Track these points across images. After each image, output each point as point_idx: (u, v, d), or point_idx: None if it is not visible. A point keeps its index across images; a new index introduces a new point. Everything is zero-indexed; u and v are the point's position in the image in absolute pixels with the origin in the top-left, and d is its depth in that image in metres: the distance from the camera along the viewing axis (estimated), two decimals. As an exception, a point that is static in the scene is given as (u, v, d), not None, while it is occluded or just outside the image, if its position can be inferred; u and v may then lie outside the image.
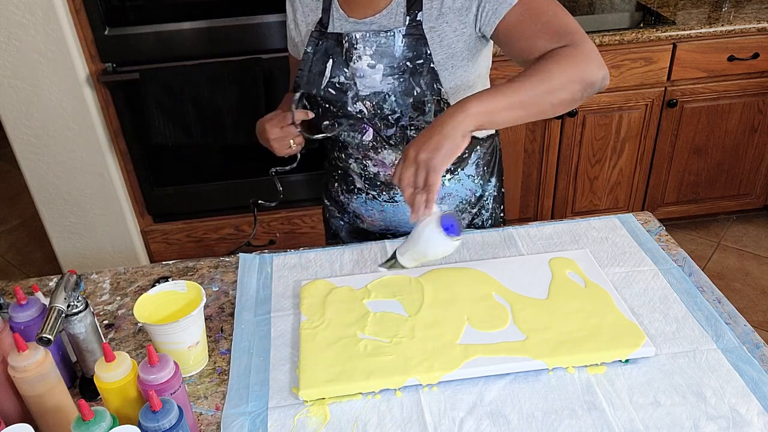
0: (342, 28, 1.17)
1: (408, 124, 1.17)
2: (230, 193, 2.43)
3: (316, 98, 1.19)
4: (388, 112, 1.16)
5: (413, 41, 1.12)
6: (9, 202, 3.30)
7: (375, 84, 1.14)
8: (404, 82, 1.13)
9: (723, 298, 1.08)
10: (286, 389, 0.94)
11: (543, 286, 1.09)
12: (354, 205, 1.35)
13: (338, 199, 1.38)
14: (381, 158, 1.23)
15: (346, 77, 1.16)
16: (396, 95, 1.14)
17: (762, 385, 0.91)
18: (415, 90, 1.13)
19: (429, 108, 1.16)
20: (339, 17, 1.17)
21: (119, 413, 0.80)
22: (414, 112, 1.15)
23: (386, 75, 1.13)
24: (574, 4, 2.57)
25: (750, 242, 2.70)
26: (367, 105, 1.16)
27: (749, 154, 2.55)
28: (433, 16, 1.11)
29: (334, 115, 1.19)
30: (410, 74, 1.13)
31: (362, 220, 1.36)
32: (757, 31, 2.27)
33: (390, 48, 1.13)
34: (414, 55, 1.12)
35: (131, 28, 2.08)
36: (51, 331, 0.81)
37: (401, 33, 1.12)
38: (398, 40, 1.12)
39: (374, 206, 1.32)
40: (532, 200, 2.57)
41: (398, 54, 1.13)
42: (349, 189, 1.33)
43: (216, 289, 1.16)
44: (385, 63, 1.13)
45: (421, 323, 1.02)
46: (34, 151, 2.19)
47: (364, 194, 1.31)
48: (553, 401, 0.90)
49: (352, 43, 1.14)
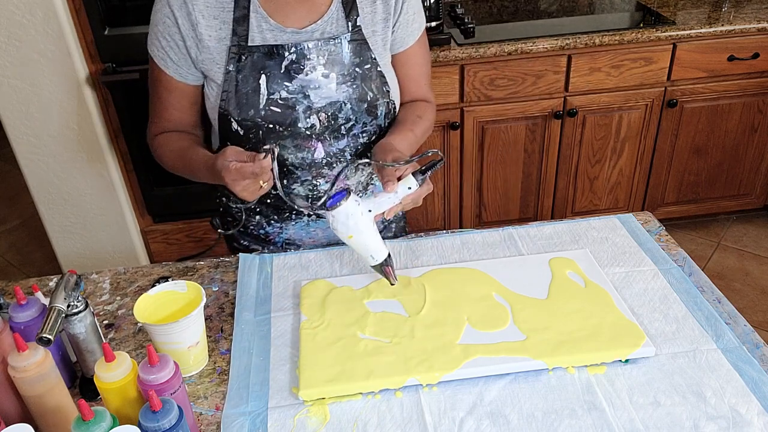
0: (277, 39, 1.10)
1: (360, 131, 1.16)
2: (230, 193, 2.42)
3: (254, 120, 1.10)
4: (342, 121, 1.13)
5: (358, 47, 1.12)
6: (9, 202, 3.30)
7: (331, 93, 1.11)
8: (357, 88, 1.13)
9: (723, 298, 1.08)
10: (286, 389, 0.94)
11: (543, 286, 1.09)
12: (289, 232, 1.28)
13: (259, 234, 1.29)
14: (335, 173, 1.19)
15: (290, 91, 1.09)
16: (351, 102, 1.13)
17: (762, 385, 0.91)
18: (368, 95, 1.14)
19: (381, 111, 1.17)
20: (269, 28, 1.09)
21: (119, 413, 0.80)
22: (368, 117, 1.15)
23: (339, 83, 1.11)
24: (574, 4, 2.57)
25: (750, 242, 2.70)
26: (321, 117, 1.12)
27: (749, 154, 2.55)
28: (373, 20, 1.14)
29: (279, 135, 1.11)
30: (361, 80, 1.13)
31: (298, 245, 1.29)
32: (757, 31, 2.27)
33: (339, 55, 1.11)
34: (361, 60, 1.13)
35: (131, 28, 2.08)
36: (51, 331, 0.81)
37: (347, 39, 1.11)
38: (345, 47, 1.11)
39: (319, 226, 1.27)
40: (532, 200, 2.57)
41: (347, 61, 1.12)
42: (283, 217, 1.26)
43: (216, 289, 1.16)
44: (336, 71, 1.11)
45: (421, 323, 1.02)
46: (34, 151, 2.19)
47: (306, 217, 1.25)
48: (553, 401, 0.90)
49: (304, 54, 1.09)
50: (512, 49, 2.18)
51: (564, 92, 2.32)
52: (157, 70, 1.15)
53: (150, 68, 1.17)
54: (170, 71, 1.13)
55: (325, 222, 1.26)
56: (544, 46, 2.19)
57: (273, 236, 1.29)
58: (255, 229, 1.29)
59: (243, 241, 1.32)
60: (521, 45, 2.18)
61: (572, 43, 2.20)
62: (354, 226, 1.01)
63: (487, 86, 2.26)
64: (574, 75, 2.28)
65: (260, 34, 1.09)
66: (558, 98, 2.33)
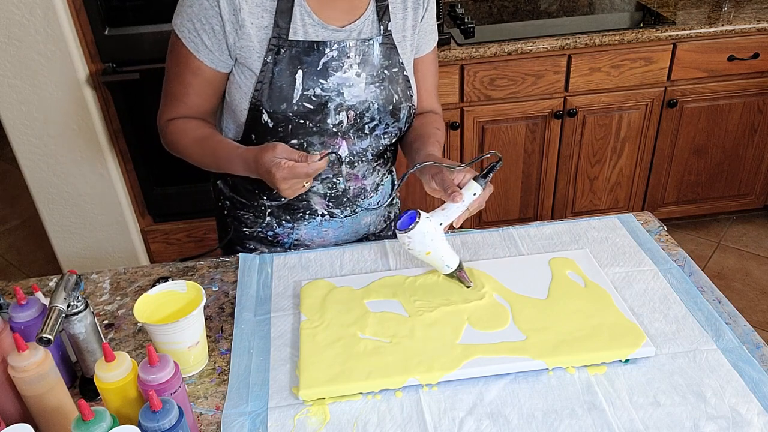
0: (318, 35, 1.09)
1: (382, 132, 1.18)
2: (230, 193, 2.42)
3: (285, 114, 1.09)
4: (368, 120, 1.14)
5: (387, 50, 1.14)
6: (9, 202, 3.30)
7: (360, 93, 1.12)
8: (384, 90, 1.14)
9: (723, 298, 1.08)
10: (286, 389, 0.94)
11: (543, 286, 1.09)
12: (300, 232, 1.26)
13: (267, 236, 1.28)
14: (356, 172, 1.21)
15: (324, 89, 1.09)
16: (378, 103, 1.14)
17: (762, 385, 0.91)
18: (394, 97, 1.15)
19: (403, 114, 1.18)
20: (312, 23, 1.08)
21: (119, 413, 0.80)
22: (391, 119, 1.17)
23: (368, 83, 1.13)
24: (574, 4, 2.57)
25: (750, 242, 2.70)
26: (350, 115, 1.13)
27: (749, 154, 2.55)
28: (404, 26, 1.16)
29: (307, 131, 1.11)
30: (389, 82, 1.14)
31: (307, 245, 1.28)
32: (757, 31, 2.27)
33: (371, 57, 1.12)
34: (390, 63, 1.15)
35: (131, 28, 2.09)
36: (51, 331, 0.81)
37: (378, 42, 1.13)
38: (376, 49, 1.13)
39: (331, 225, 1.27)
40: (532, 200, 2.57)
41: (376, 62, 1.13)
42: (296, 217, 1.25)
43: (216, 289, 1.16)
44: (367, 71, 1.12)
45: (421, 323, 1.02)
46: (34, 151, 2.19)
47: (319, 216, 1.25)
48: (553, 401, 0.90)
49: (345, 52, 1.10)
50: (512, 49, 2.18)
51: (564, 92, 2.32)
52: (184, 52, 1.10)
53: (173, 48, 1.12)
54: (200, 55, 1.09)
55: (337, 222, 1.26)
56: (544, 46, 2.19)
57: (282, 237, 1.28)
58: (263, 231, 1.28)
59: (249, 245, 1.30)
60: (521, 45, 2.18)
61: (572, 43, 2.20)
62: (431, 243, 1.02)
63: (487, 86, 2.26)
64: (574, 75, 2.28)
65: (302, 28, 1.08)
66: (558, 98, 2.33)
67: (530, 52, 2.19)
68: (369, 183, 1.25)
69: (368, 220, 1.31)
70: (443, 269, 1.07)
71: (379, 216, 1.34)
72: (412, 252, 1.04)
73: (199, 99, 1.15)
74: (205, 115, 1.18)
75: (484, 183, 1.04)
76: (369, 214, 1.30)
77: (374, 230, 1.35)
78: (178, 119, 1.16)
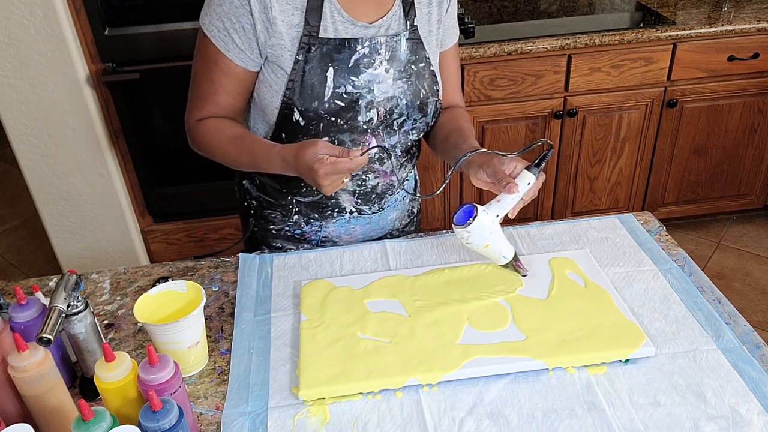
0: (348, 32, 1.09)
1: (411, 128, 1.18)
2: (230, 193, 2.41)
3: (317, 112, 1.09)
4: (396, 116, 1.15)
5: (414, 45, 1.14)
6: (9, 202, 3.30)
7: (389, 89, 1.12)
8: (412, 85, 1.14)
9: (723, 298, 1.08)
10: (286, 389, 0.94)
11: (543, 286, 1.09)
12: (328, 229, 1.27)
13: (294, 234, 1.28)
14: (384, 168, 1.21)
15: (356, 86, 1.09)
16: (406, 98, 1.14)
17: (762, 385, 0.91)
18: (421, 92, 1.16)
19: (430, 109, 1.18)
20: (342, 20, 1.08)
21: (119, 413, 0.80)
22: (419, 114, 1.17)
23: (396, 79, 1.13)
24: (574, 4, 2.57)
25: (750, 242, 2.70)
26: (380, 112, 1.13)
27: (749, 154, 2.55)
28: (429, 21, 1.16)
29: (338, 129, 1.11)
30: (416, 77, 1.15)
31: (335, 242, 1.29)
32: (757, 31, 2.27)
33: (398, 52, 1.12)
34: (416, 59, 1.14)
35: (131, 28, 2.08)
36: (51, 331, 0.81)
37: (405, 37, 1.13)
38: (403, 44, 1.13)
39: (359, 222, 1.27)
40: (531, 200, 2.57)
41: (403, 58, 1.13)
42: (324, 215, 1.25)
43: (216, 289, 1.16)
44: (395, 67, 1.12)
45: (421, 323, 1.02)
46: (34, 151, 2.19)
47: (347, 214, 1.25)
48: (553, 401, 0.90)
49: (376, 49, 1.09)
50: (512, 49, 2.18)
51: (564, 92, 2.32)
52: (214, 51, 1.09)
53: (202, 48, 1.11)
54: (231, 54, 1.08)
55: (365, 219, 1.27)
56: (544, 46, 2.19)
57: (310, 235, 1.28)
58: (290, 229, 1.28)
59: (275, 243, 1.30)
60: (521, 45, 2.18)
61: (572, 43, 2.20)
62: (489, 235, 1.02)
63: (487, 86, 2.26)
64: (574, 75, 2.28)
65: (332, 25, 1.08)
66: (558, 98, 2.33)
67: (530, 52, 2.19)
68: (396, 179, 1.25)
69: (394, 215, 1.31)
70: (500, 260, 1.08)
71: (403, 211, 1.34)
72: (471, 246, 1.04)
73: (230, 98, 1.14)
74: (235, 115, 1.17)
75: (537, 172, 1.04)
76: (395, 209, 1.30)
77: (398, 226, 1.35)
78: (209, 119, 1.15)
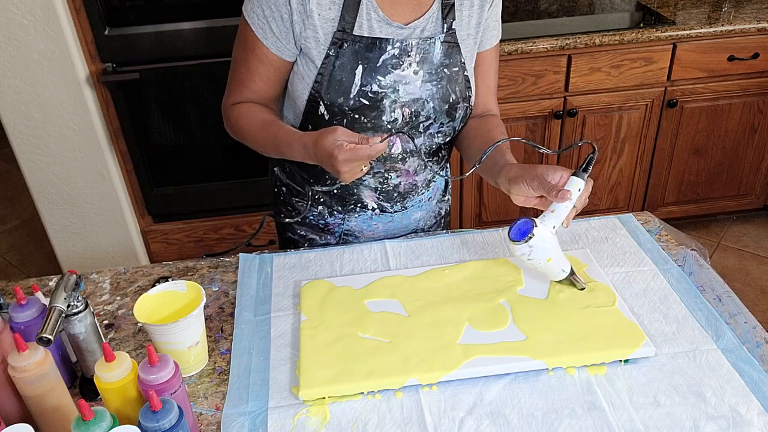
0: (382, 32, 1.09)
1: (437, 131, 1.17)
2: (230, 193, 2.43)
3: (342, 108, 1.10)
4: (423, 119, 1.14)
5: (449, 48, 1.13)
6: (9, 202, 3.30)
7: (415, 91, 1.11)
8: (441, 88, 1.13)
9: (723, 297, 1.08)
10: (286, 389, 0.94)
11: (543, 286, 1.09)
12: (351, 223, 1.28)
13: (318, 224, 1.30)
14: (407, 167, 1.21)
15: (382, 85, 1.09)
16: (434, 101, 1.13)
17: (762, 385, 0.91)
18: (451, 96, 1.14)
19: (459, 114, 1.17)
20: (377, 18, 1.08)
21: (119, 413, 0.80)
22: (447, 117, 1.16)
23: (425, 81, 1.12)
24: (574, 4, 2.57)
25: (750, 242, 2.70)
26: (405, 112, 1.12)
27: (749, 154, 2.55)
28: (469, 24, 1.14)
29: (362, 126, 1.12)
30: (447, 81, 1.13)
31: (357, 236, 1.30)
32: (757, 31, 2.27)
33: (430, 54, 1.11)
34: (450, 62, 1.13)
35: (131, 28, 2.08)
36: (51, 331, 0.81)
37: (440, 40, 1.12)
38: (437, 47, 1.11)
39: (381, 219, 1.27)
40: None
41: (436, 61, 1.12)
42: (347, 209, 1.26)
43: (216, 289, 1.16)
44: (425, 69, 1.11)
45: (421, 323, 1.02)
46: (34, 151, 2.19)
47: (369, 210, 1.26)
48: (553, 401, 0.90)
49: (406, 50, 1.09)
50: (512, 49, 2.18)
51: (564, 92, 2.32)
52: (252, 38, 1.11)
53: (242, 34, 1.13)
54: (268, 42, 1.10)
55: (387, 217, 1.26)
56: (544, 46, 2.19)
57: (333, 227, 1.29)
58: (315, 219, 1.29)
59: (300, 231, 1.32)
60: (521, 45, 2.18)
61: (572, 43, 2.20)
62: (551, 248, 0.99)
63: (487, 86, 2.26)
64: (574, 75, 2.28)
65: (368, 23, 1.08)
66: (558, 98, 2.33)
67: (530, 52, 2.19)
68: (420, 179, 1.24)
69: (418, 215, 1.31)
70: (558, 275, 1.05)
71: (429, 212, 1.33)
72: (532, 262, 0.99)
73: (264, 85, 1.16)
74: (269, 102, 1.19)
75: (586, 177, 0.99)
76: (420, 210, 1.30)
77: (424, 226, 1.34)
78: (243, 103, 1.18)
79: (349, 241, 1.30)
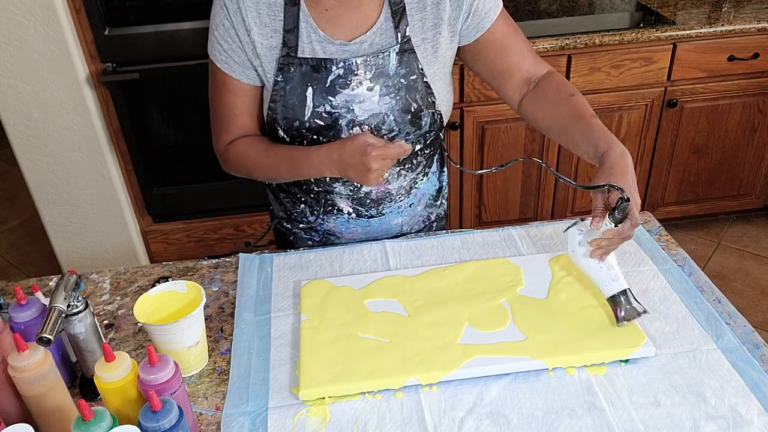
0: (325, 51, 1.08)
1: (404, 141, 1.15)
2: (230, 193, 2.43)
3: (299, 130, 1.10)
4: (386, 132, 1.12)
5: (405, 57, 1.10)
6: (9, 202, 3.30)
7: (373, 107, 1.10)
8: (401, 99, 1.11)
9: (723, 298, 1.08)
10: (286, 389, 0.94)
11: (543, 286, 1.09)
12: (330, 224, 1.27)
13: (302, 220, 1.29)
14: None
15: (334, 106, 1.08)
16: (394, 114, 1.11)
17: (762, 385, 0.91)
18: (413, 106, 1.12)
19: (425, 121, 1.15)
20: (319, 39, 1.08)
21: (119, 413, 0.80)
22: (411, 127, 1.14)
23: (383, 95, 1.10)
24: (574, 4, 2.57)
25: (750, 242, 2.70)
26: (364, 129, 1.11)
27: (749, 154, 2.55)
28: (423, 27, 1.11)
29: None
30: (406, 91, 1.11)
31: (338, 236, 1.29)
32: (757, 31, 2.27)
33: (385, 68, 1.09)
34: (407, 72, 1.11)
35: (131, 28, 2.08)
36: (51, 331, 0.81)
37: (395, 51, 1.09)
38: (392, 59, 1.09)
39: (358, 224, 1.26)
40: (531, 200, 2.57)
41: (392, 73, 1.10)
42: (326, 210, 1.25)
43: (216, 289, 1.16)
44: (381, 83, 1.09)
45: (421, 323, 1.02)
46: (34, 151, 2.19)
47: (346, 215, 1.25)
48: (553, 401, 0.90)
49: (351, 69, 1.07)
50: (512, 49, 2.17)
51: (564, 92, 2.32)
52: (220, 75, 1.13)
53: (212, 75, 1.15)
54: (236, 74, 1.12)
55: (364, 221, 1.25)
56: (544, 46, 2.19)
57: (316, 225, 1.29)
58: (298, 216, 1.29)
59: (286, 225, 1.32)
60: (521, 45, 2.17)
61: (572, 43, 2.20)
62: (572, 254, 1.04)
63: (487, 86, 2.25)
64: (574, 75, 2.28)
65: (309, 45, 1.08)
66: (558, 98, 2.32)
67: (530, 52, 2.19)
68: (394, 187, 1.22)
69: (399, 220, 1.28)
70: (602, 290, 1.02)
71: (414, 217, 1.30)
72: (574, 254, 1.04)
73: (247, 117, 1.17)
74: (257, 132, 1.20)
75: (611, 220, 0.98)
76: (400, 215, 1.28)
77: (409, 230, 1.32)
78: (236, 141, 1.18)
79: (329, 240, 1.30)
